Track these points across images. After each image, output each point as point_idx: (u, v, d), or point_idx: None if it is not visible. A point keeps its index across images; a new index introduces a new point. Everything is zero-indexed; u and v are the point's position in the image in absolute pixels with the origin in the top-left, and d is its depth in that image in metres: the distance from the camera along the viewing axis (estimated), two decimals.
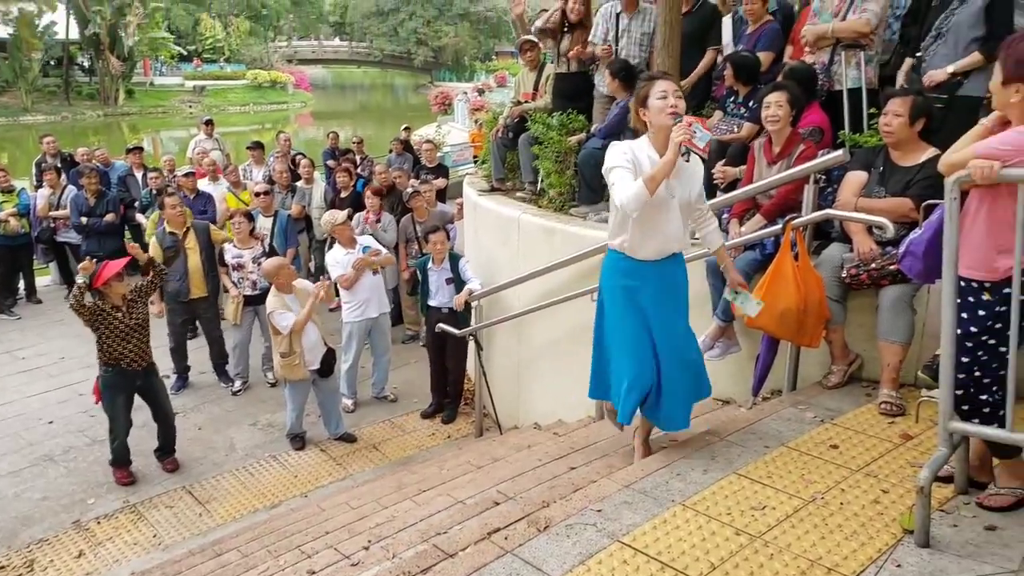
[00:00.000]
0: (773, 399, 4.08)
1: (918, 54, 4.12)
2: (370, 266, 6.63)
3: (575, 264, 5.12)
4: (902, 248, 2.93)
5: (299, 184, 9.27)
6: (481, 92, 23.59)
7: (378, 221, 7.98)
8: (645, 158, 3.09)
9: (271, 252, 7.42)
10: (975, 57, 3.95)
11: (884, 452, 3.19)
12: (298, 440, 6.37)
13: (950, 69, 4.03)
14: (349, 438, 6.44)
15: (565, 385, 5.53)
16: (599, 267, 4.88)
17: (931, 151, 3.59)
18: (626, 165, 3.02)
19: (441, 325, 6.42)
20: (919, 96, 3.67)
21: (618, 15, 5.89)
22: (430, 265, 6.60)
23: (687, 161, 3.05)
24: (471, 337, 6.36)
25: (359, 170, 9.84)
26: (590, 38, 6.00)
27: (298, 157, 9.94)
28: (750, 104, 4.72)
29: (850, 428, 3.44)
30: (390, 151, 11.71)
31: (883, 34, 4.71)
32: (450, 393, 6.89)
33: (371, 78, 76.87)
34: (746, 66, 4.80)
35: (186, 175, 8.82)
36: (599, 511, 2.84)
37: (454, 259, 6.54)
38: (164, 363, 7.00)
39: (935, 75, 4.09)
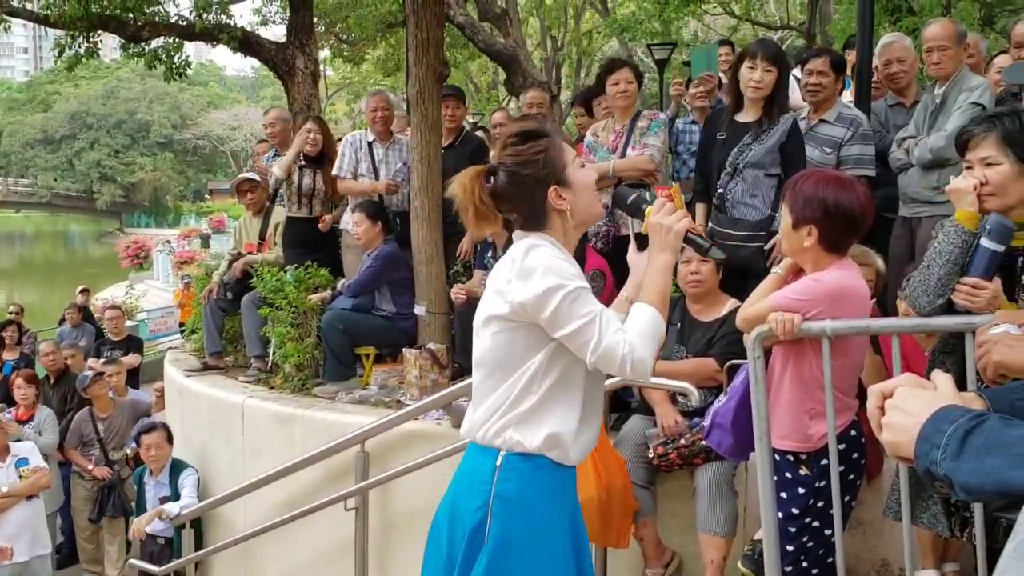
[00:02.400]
0: None
1: (719, 191, 4.62)
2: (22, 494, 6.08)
3: (323, 461, 4.99)
4: (707, 420, 3.17)
5: None
6: (205, 240, 23.15)
7: (30, 420, 7.35)
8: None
9: None
10: None
11: None
12: None
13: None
14: None
15: None
16: (355, 464, 4.88)
17: (732, 302, 3.95)
18: (587, 287, 2.21)
19: (133, 561, 5.91)
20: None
21: (370, 143, 6.16)
22: (146, 476, 6.17)
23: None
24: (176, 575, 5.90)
25: (22, 348, 9.19)
26: (335, 171, 6.20)
27: None
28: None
29: None
30: (62, 321, 11.08)
31: (666, 169, 5.28)
32: None
33: (35, 224, 73.25)
34: None
35: None
36: None
37: (176, 469, 6.12)
38: None
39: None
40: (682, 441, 3.89)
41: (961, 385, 1.39)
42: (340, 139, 6.55)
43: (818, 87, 4.84)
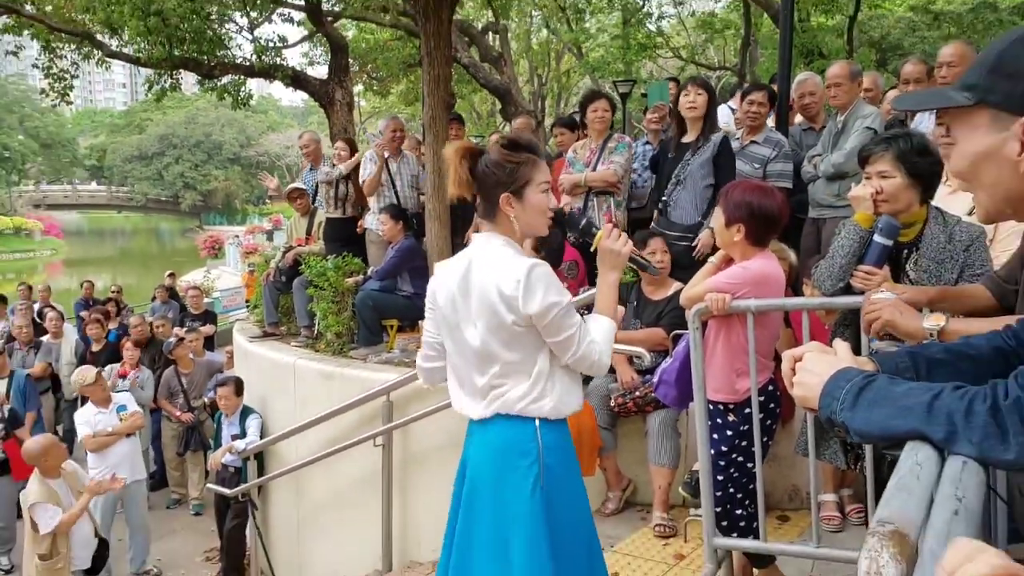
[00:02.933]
0: None
1: (664, 198, 4.60)
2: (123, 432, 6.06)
3: (357, 409, 4.98)
4: (656, 377, 3.16)
5: (45, 339, 8.35)
6: (270, 235, 22.97)
7: (124, 377, 7.33)
8: None
9: (11, 418, 6.51)
10: None
11: (661, 574, 3.30)
12: None
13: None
14: None
15: (349, 539, 5.23)
16: (382, 410, 4.87)
17: (676, 285, 3.97)
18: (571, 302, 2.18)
19: (210, 485, 5.90)
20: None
21: (386, 159, 6.12)
22: (224, 418, 6.15)
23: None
24: (244, 497, 5.89)
25: (122, 319, 9.14)
26: (361, 178, 6.15)
27: (45, 310, 9.03)
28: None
29: (629, 554, 3.54)
30: (153, 299, 11.03)
31: (628, 182, 5.26)
32: (230, 563, 6.21)
33: (133, 223, 72.78)
34: None
35: None
36: None
37: (244, 413, 6.08)
38: None
39: None
40: (636, 393, 3.91)
41: (856, 351, 1.37)
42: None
43: (757, 115, 4.85)
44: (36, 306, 9.78)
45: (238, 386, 6.14)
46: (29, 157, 59.98)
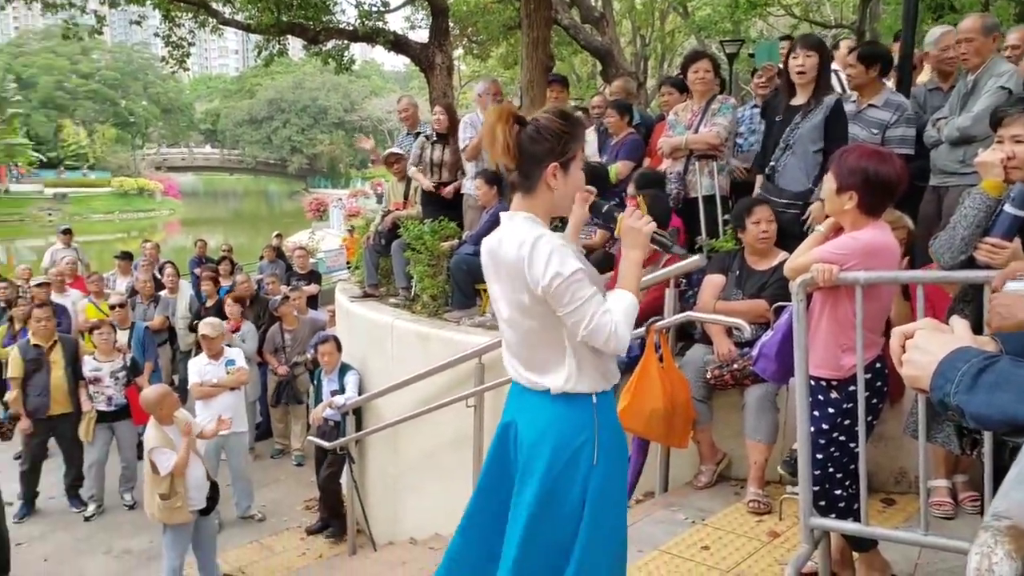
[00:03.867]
0: (646, 501, 4.08)
1: (771, 164, 4.41)
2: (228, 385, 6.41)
3: (450, 370, 5.05)
4: (755, 351, 3.05)
5: (163, 294, 8.85)
6: (380, 197, 23.58)
7: (236, 331, 7.67)
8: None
9: (132, 366, 6.95)
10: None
11: (753, 551, 3.22)
12: None
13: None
14: None
15: (441, 496, 5.34)
16: (474, 372, 4.92)
17: (783, 255, 3.79)
18: (583, 273, 2.05)
19: (310, 438, 6.15)
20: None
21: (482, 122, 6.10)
22: (322, 376, 6.38)
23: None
24: (342, 450, 6.10)
25: (234, 277, 9.58)
26: (460, 144, 6.16)
27: (166, 266, 9.54)
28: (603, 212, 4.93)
29: (720, 528, 3.47)
30: (261, 258, 11.48)
31: (731, 146, 5.06)
32: (327, 511, 6.50)
33: (244, 185, 75.94)
34: (595, 175, 5.02)
35: (39, 285, 8.30)
36: None
37: (343, 370, 6.30)
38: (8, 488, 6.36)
39: None
40: (735, 366, 3.79)
41: (977, 330, 1.27)
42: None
43: (850, 77, 4.56)
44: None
45: (338, 343, 6.34)
46: (151, 122, 63.45)
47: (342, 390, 6.15)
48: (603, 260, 4.70)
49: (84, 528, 6.62)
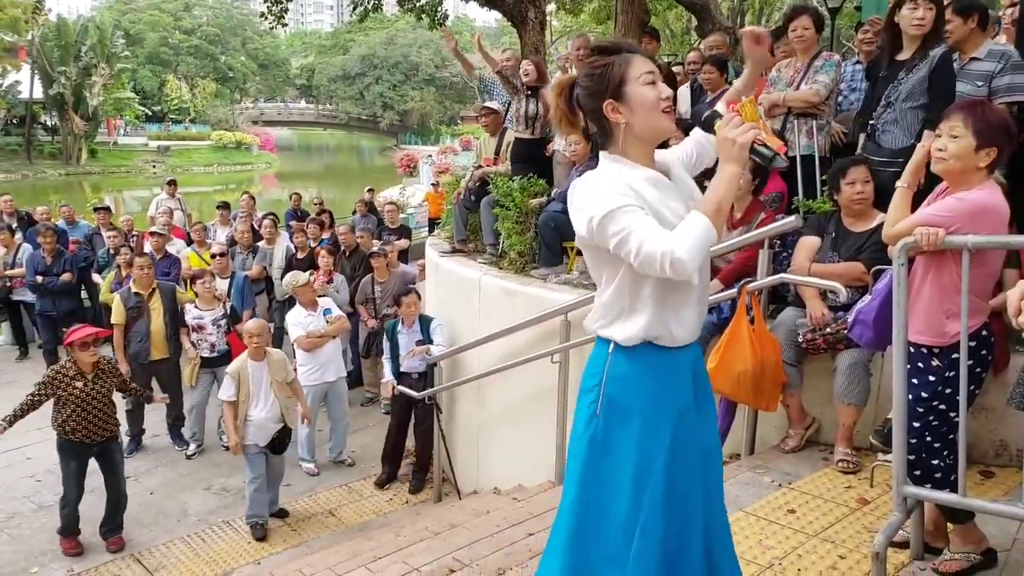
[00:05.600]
0: (731, 463, 4.06)
1: (871, 122, 4.23)
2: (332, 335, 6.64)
3: (535, 326, 5.10)
4: (851, 316, 2.97)
5: (261, 244, 9.20)
6: (470, 151, 23.80)
7: (329, 282, 7.92)
8: (645, 188, 1.94)
9: (232, 314, 7.30)
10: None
11: (841, 517, 3.18)
12: (259, 529, 5.78)
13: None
14: (281, 514, 6.07)
15: (524, 449, 5.45)
16: (559, 329, 4.97)
17: (881, 216, 3.64)
18: (636, 204, 1.87)
19: (401, 388, 6.34)
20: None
21: None
22: (399, 327, 6.51)
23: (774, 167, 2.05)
24: (430, 400, 6.28)
25: (332, 230, 9.87)
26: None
27: (266, 218, 9.88)
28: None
29: (807, 492, 3.43)
30: (354, 212, 11.75)
31: (834, 104, 4.87)
32: (419, 462, 6.71)
33: (337, 140, 77.45)
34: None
35: (156, 235, 8.76)
36: None
37: (425, 321, 6.47)
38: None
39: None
40: (828, 330, 3.71)
41: None
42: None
43: (947, 32, 4.24)
44: (258, 215, 10.72)
45: (418, 295, 6.55)
46: (249, 77, 65.21)
47: (428, 340, 6.31)
48: None
49: (186, 465, 7.04)
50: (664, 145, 2.13)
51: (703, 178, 2.13)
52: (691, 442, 2.01)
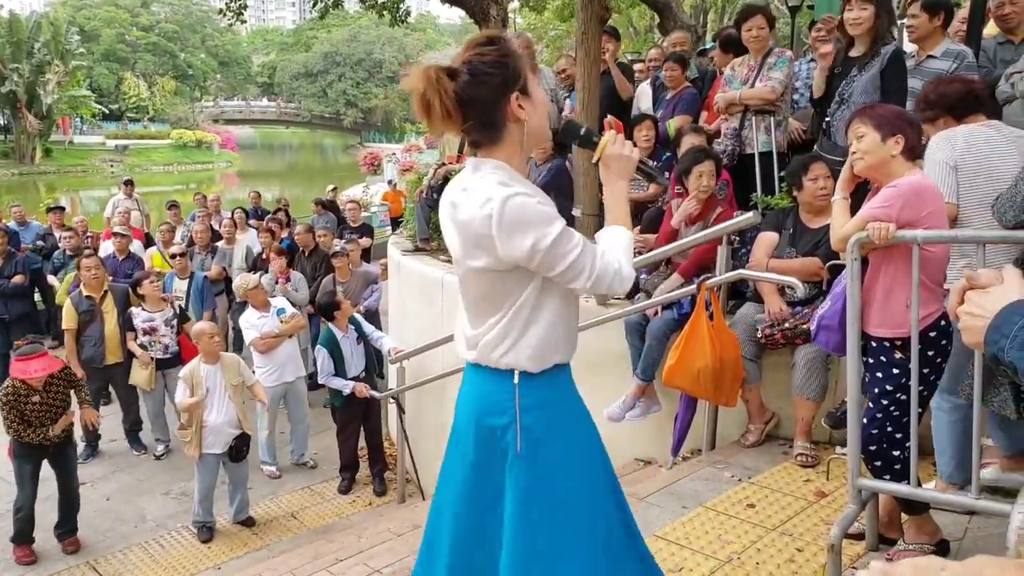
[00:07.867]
0: (692, 458, 4.09)
1: (827, 119, 4.29)
2: (288, 334, 6.55)
3: None
4: (814, 324, 3.00)
5: (220, 244, 9.06)
6: (435, 149, 23.67)
7: (287, 281, 7.84)
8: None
9: (181, 315, 7.16)
10: None
11: (799, 510, 3.21)
12: (205, 531, 5.72)
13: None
14: (248, 522, 5.92)
15: None
16: None
17: None
18: (563, 221, 1.79)
19: (372, 392, 6.26)
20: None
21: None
22: (339, 335, 6.26)
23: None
24: (393, 400, 6.22)
25: (291, 230, 9.76)
26: None
27: (235, 213, 9.71)
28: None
29: (767, 487, 3.46)
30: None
31: (788, 100, 4.93)
32: (372, 459, 6.65)
33: (300, 138, 76.61)
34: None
35: (119, 235, 8.58)
36: None
37: (352, 321, 6.37)
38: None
39: None
40: (786, 325, 3.76)
41: None
42: None
43: (912, 27, 4.35)
44: (225, 214, 10.55)
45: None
46: (209, 74, 64.24)
47: (362, 337, 6.31)
48: (656, 218, 4.64)
49: (145, 470, 6.90)
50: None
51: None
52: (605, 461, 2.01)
